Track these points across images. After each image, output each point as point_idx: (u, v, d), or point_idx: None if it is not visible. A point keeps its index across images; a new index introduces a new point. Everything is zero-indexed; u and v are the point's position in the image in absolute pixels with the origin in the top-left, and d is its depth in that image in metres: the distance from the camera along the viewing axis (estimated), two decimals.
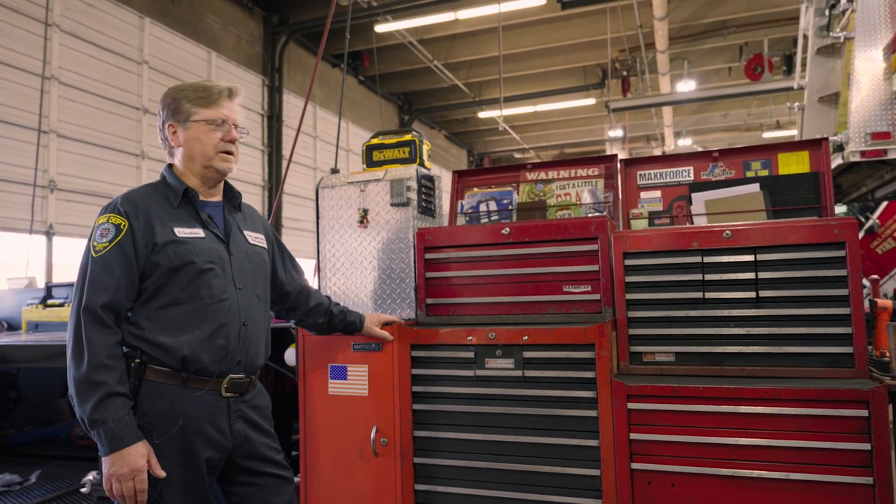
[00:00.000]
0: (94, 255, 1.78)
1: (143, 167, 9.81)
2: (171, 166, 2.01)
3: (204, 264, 1.86)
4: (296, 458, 2.99)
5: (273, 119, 13.13)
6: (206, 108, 1.93)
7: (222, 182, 2.07)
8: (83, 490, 3.36)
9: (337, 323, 2.40)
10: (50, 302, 4.50)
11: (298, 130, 4.11)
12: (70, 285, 4.44)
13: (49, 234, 8.58)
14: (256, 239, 2.10)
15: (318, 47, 14.12)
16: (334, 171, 2.88)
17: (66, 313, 4.23)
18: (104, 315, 1.73)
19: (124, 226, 1.80)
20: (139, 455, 1.69)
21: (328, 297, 2.45)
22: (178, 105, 1.92)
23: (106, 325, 1.73)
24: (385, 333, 2.44)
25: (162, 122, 1.97)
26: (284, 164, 13.09)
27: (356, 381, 2.51)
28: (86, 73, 9.17)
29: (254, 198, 12.55)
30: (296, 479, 3.53)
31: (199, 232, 1.90)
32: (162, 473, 1.73)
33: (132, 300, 1.81)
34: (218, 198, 2.05)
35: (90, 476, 3.39)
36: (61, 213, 8.73)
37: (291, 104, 13.69)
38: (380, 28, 12.49)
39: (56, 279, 8.20)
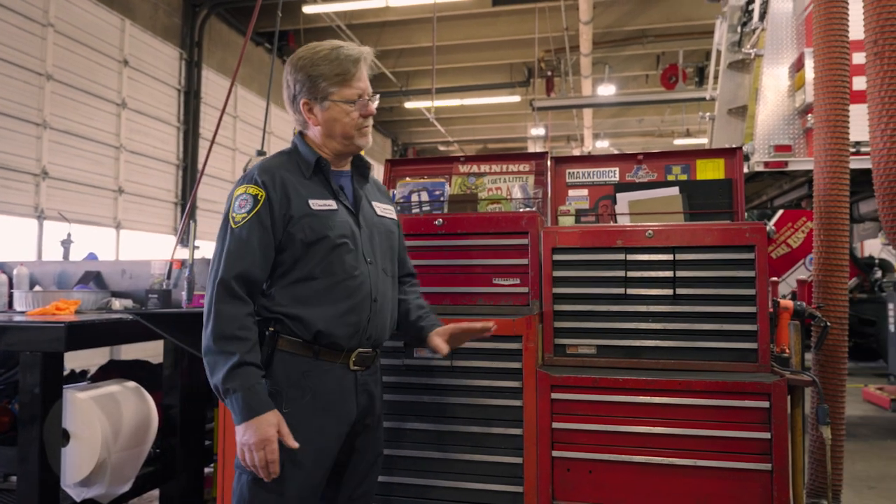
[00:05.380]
0: (232, 225, 1.78)
1: (45, 137, 9.11)
2: (302, 134, 1.96)
3: (337, 238, 1.83)
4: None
5: (190, 95, 12.51)
6: (343, 87, 1.85)
7: None
8: None
9: (407, 328, 2.09)
10: None
11: (223, 110, 3.96)
12: None
13: None
14: (385, 210, 2.05)
15: (243, 24, 13.64)
16: (261, 153, 2.82)
17: None
18: (237, 287, 1.73)
19: (261, 196, 1.78)
20: (269, 424, 1.67)
21: (417, 297, 2.15)
22: (313, 83, 1.85)
23: (238, 296, 1.73)
24: (443, 347, 2.01)
25: (293, 96, 1.90)
26: (202, 142, 12.55)
27: None
28: None
29: (167, 176, 11.96)
30: (207, 470, 3.44)
31: (331, 203, 1.87)
32: (294, 444, 1.70)
33: (267, 271, 1.80)
34: (347, 167, 1.99)
35: None
36: None
37: (211, 80, 13.11)
38: (308, 9, 12.17)
39: None
